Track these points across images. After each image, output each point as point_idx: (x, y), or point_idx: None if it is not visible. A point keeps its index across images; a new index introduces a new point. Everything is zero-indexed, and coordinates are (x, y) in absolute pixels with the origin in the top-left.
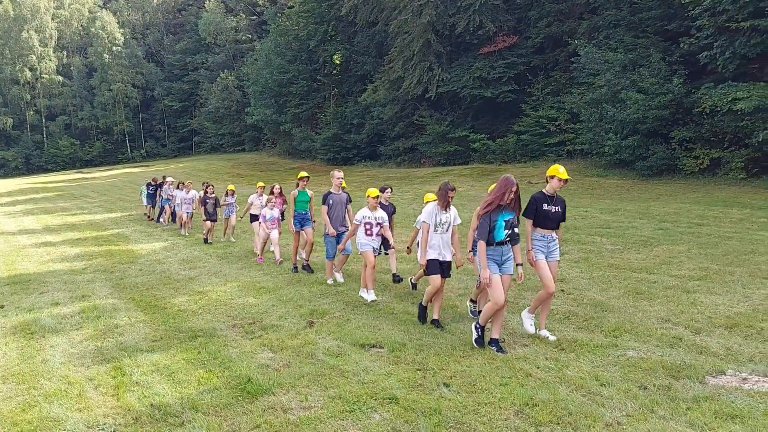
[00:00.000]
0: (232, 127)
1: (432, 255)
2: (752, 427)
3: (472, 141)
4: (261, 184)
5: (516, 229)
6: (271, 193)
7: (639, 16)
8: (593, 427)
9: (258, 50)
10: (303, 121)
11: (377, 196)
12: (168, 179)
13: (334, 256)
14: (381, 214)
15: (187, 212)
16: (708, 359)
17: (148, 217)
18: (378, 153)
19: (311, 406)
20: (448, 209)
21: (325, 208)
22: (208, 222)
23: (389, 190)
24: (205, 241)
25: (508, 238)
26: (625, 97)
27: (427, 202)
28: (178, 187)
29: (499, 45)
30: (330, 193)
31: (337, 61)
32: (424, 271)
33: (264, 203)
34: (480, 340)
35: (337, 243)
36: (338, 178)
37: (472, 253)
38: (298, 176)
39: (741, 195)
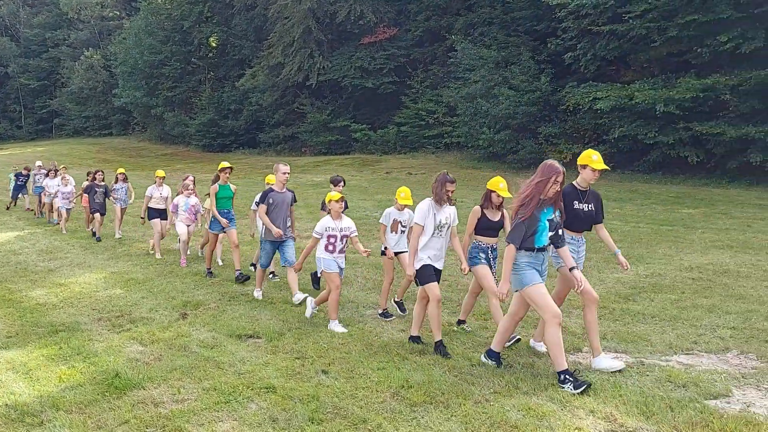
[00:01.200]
0: (98, 110)
1: (425, 260)
2: (603, 398)
3: (353, 131)
4: (161, 173)
5: (561, 230)
6: (178, 187)
7: (511, 16)
8: (463, 404)
9: (127, 29)
10: (176, 105)
11: (341, 200)
12: (37, 163)
13: (268, 266)
14: (347, 223)
15: (67, 208)
16: (567, 338)
17: (8, 208)
18: (257, 140)
19: (184, 398)
20: (446, 206)
21: (264, 207)
22: (98, 215)
23: (342, 183)
24: (97, 238)
25: (551, 242)
26: (497, 93)
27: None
28: (48, 175)
29: (380, 36)
30: (271, 190)
31: (214, 44)
32: (416, 281)
33: (164, 195)
34: (574, 379)
35: (275, 250)
36: (284, 173)
37: (469, 265)
38: (219, 167)
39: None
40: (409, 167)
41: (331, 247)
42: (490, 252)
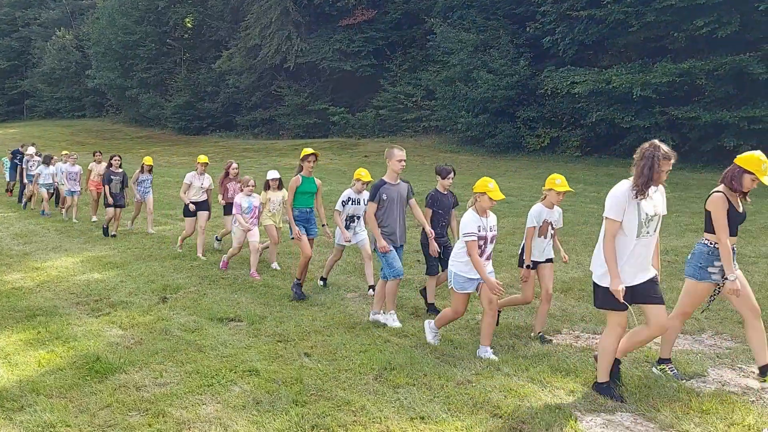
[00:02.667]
0: (71, 91)
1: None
2: (584, 379)
3: (331, 114)
4: (204, 158)
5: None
6: (227, 175)
7: None
8: (446, 386)
9: (100, 8)
10: (151, 87)
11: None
12: (30, 149)
13: (400, 276)
14: (493, 221)
15: (72, 191)
16: (547, 320)
17: (9, 192)
18: (234, 123)
19: (167, 382)
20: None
21: (373, 207)
22: (112, 209)
23: (452, 174)
24: (109, 233)
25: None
26: (476, 77)
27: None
28: (45, 162)
29: (358, 18)
30: (384, 183)
31: (189, 25)
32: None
33: (205, 186)
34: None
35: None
36: (400, 161)
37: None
38: (303, 154)
39: (576, 171)
40: None
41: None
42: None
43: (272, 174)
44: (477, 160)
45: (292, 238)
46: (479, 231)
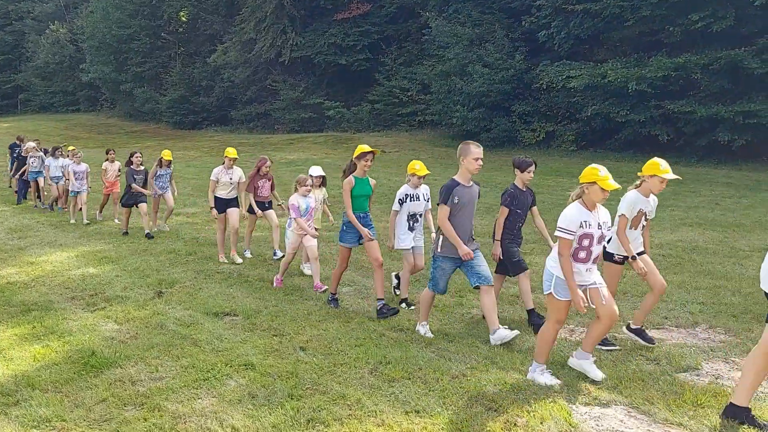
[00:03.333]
0: (65, 85)
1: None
2: (577, 373)
3: (326, 108)
4: (232, 152)
5: None
6: (258, 172)
7: None
8: (441, 379)
9: (94, 2)
10: (146, 81)
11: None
12: (29, 144)
13: (444, 291)
14: (605, 216)
15: (77, 191)
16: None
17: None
18: (229, 118)
19: (162, 376)
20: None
21: (446, 210)
22: (142, 205)
23: (533, 167)
24: (147, 235)
25: None
26: (471, 71)
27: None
28: (54, 155)
29: (353, 12)
30: (456, 184)
31: (184, 18)
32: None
33: (234, 180)
34: None
35: (455, 269)
36: (477, 159)
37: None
38: (357, 152)
39: (571, 165)
40: (383, 145)
41: (583, 254)
42: None
43: (316, 171)
44: None
45: (361, 243)
46: (583, 227)
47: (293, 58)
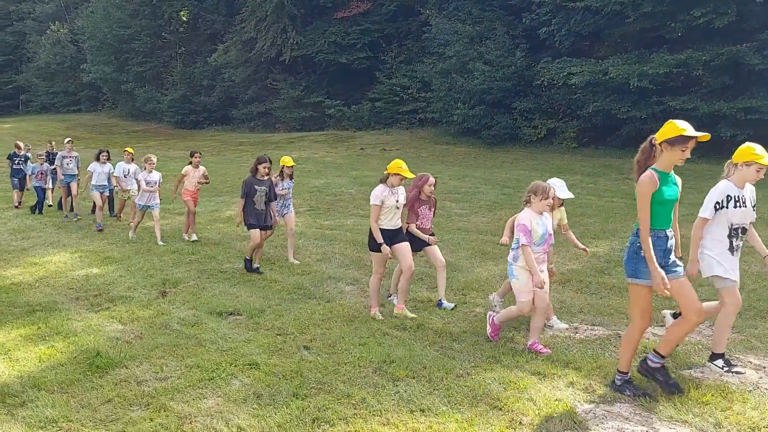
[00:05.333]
0: (66, 85)
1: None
2: (586, 372)
3: (327, 107)
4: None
5: None
6: (418, 197)
7: None
8: (446, 378)
9: (95, 1)
10: (147, 81)
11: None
12: (66, 142)
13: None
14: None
15: (157, 205)
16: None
17: (18, 205)
18: (230, 117)
19: (167, 376)
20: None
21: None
22: (257, 231)
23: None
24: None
25: None
26: (472, 68)
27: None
28: (98, 159)
29: (353, 10)
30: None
31: (184, 18)
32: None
33: (399, 203)
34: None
35: None
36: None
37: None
38: (676, 131)
39: (573, 162)
40: (384, 143)
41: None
42: None
43: (562, 189)
44: (473, 152)
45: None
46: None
47: (294, 57)
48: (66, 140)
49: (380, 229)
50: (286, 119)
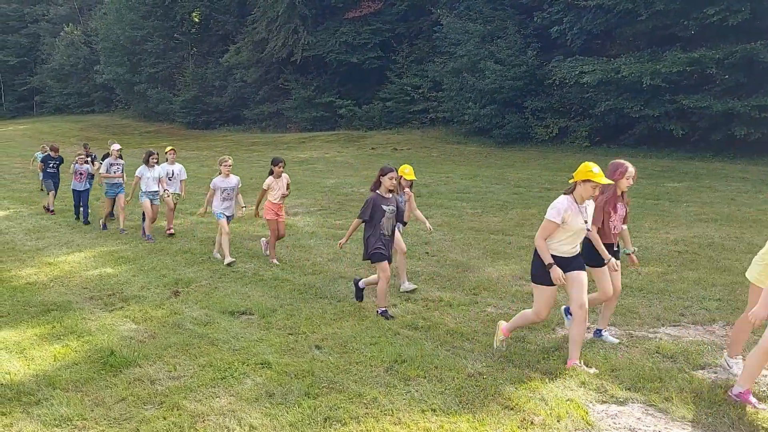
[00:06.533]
0: (80, 87)
1: None
2: (598, 371)
3: (338, 107)
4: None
5: None
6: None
7: None
8: (457, 378)
9: (108, 3)
10: (160, 82)
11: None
12: (114, 146)
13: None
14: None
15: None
16: (557, 312)
17: (50, 210)
18: (242, 117)
19: (180, 375)
20: None
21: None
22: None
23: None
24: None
25: None
26: (483, 68)
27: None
28: (147, 162)
29: (364, 10)
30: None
31: (196, 19)
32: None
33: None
34: None
35: None
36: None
37: None
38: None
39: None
40: (395, 143)
41: None
42: None
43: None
44: (485, 151)
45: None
46: None
47: (305, 57)
48: (113, 146)
49: (554, 256)
50: (298, 119)
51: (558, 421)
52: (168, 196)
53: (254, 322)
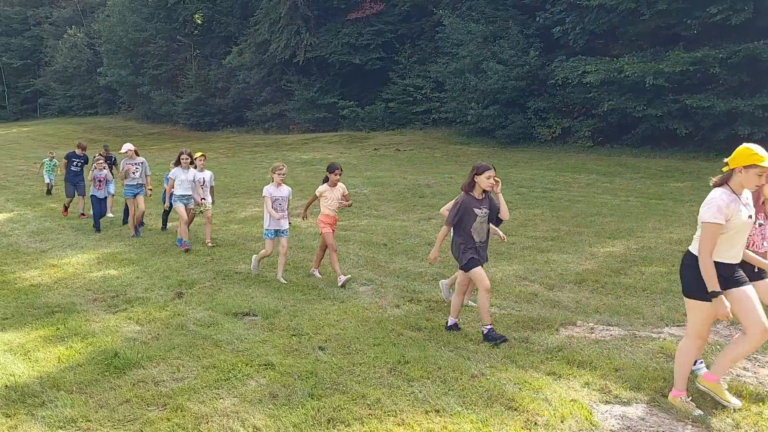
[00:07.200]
0: (83, 89)
1: None
2: (601, 372)
3: (341, 108)
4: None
5: None
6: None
7: None
8: (460, 379)
9: (110, 6)
10: (163, 84)
11: None
12: (128, 146)
13: None
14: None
15: (282, 232)
16: (560, 312)
17: (65, 210)
18: (244, 118)
19: (184, 377)
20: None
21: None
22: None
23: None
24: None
25: None
26: (486, 68)
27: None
28: (179, 162)
29: (366, 11)
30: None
31: (199, 21)
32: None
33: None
34: None
35: None
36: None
37: None
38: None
39: (588, 162)
40: (397, 144)
41: None
42: None
43: None
44: (487, 152)
45: None
46: None
47: (307, 59)
48: (125, 145)
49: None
50: (300, 120)
51: (562, 421)
52: (206, 209)
53: (258, 324)
